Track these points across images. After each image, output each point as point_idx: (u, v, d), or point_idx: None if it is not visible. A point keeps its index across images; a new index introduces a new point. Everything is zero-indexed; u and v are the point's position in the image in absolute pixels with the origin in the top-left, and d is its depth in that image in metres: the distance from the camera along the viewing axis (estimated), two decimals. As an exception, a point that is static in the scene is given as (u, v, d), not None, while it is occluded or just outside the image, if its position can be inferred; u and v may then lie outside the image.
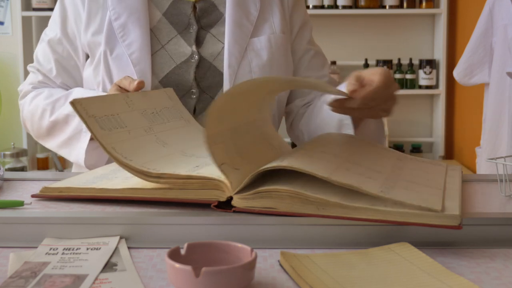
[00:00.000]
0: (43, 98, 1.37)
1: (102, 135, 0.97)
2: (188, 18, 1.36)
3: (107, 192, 0.95)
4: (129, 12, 1.33)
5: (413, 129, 3.92)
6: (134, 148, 1.00)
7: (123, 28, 1.32)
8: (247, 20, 1.37)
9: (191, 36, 1.35)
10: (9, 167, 3.46)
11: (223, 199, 0.89)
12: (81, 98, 1.00)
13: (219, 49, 1.35)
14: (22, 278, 0.72)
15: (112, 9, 1.33)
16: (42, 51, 1.42)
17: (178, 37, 1.35)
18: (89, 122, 0.97)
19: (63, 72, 1.41)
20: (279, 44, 1.39)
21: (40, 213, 0.90)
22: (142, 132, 1.06)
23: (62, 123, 1.33)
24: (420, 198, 0.84)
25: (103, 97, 1.12)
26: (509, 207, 0.96)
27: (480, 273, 0.75)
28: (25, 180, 1.14)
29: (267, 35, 1.38)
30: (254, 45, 1.36)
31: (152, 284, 0.72)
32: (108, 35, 1.33)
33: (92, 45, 1.35)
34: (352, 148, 1.09)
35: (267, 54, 1.37)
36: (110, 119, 1.02)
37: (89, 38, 1.34)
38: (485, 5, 2.30)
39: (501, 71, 2.18)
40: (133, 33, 1.32)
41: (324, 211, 0.84)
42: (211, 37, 1.36)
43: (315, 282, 0.69)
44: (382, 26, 3.86)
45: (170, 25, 1.35)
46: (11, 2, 3.82)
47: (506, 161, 1.03)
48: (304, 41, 1.47)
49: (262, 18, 1.39)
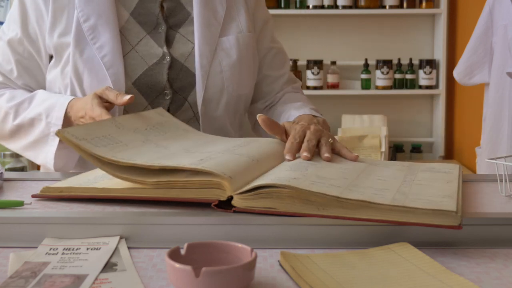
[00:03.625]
0: (5, 101, 1.34)
1: (99, 151, 0.95)
2: (156, 18, 1.35)
3: (107, 192, 0.95)
4: (98, 14, 1.29)
5: (413, 129, 3.92)
6: (135, 153, 0.99)
7: (93, 30, 1.29)
8: (215, 20, 1.37)
9: (161, 36, 1.34)
10: (9, 167, 3.46)
11: (224, 198, 0.89)
12: (67, 128, 0.98)
13: (190, 49, 1.35)
14: (22, 278, 0.72)
15: (80, 11, 1.29)
16: (1, 51, 1.38)
17: (147, 38, 1.34)
18: (81, 144, 0.95)
19: (25, 74, 1.37)
20: (247, 43, 1.40)
21: (40, 213, 0.90)
22: (140, 143, 1.05)
23: (27, 126, 1.31)
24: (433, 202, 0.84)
25: (89, 124, 1.10)
26: (509, 207, 0.96)
27: (480, 273, 0.75)
28: (25, 180, 1.14)
29: (235, 34, 1.39)
30: (223, 45, 1.37)
31: (152, 284, 0.72)
32: (77, 36, 1.29)
33: (58, 47, 1.31)
34: (358, 166, 1.08)
35: (236, 53, 1.37)
36: (102, 139, 1.00)
37: (55, 40, 1.31)
38: (485, 5, 2.30)
39: (501, 71, 2.18)
40: (103, 35, 1.29)
41: (325, 211, 0.84)
42: (181, 37, 1.35)
43: (315, 282, 0.69)
44: (382, 26, 3.86)
45: (138, 25, 1.34)
46: (11, 2, 3.82)
47: (506, 161, 1.03)
48: (266, 40, 1.48)
49: (229, 17, 1.39)
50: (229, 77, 1.35)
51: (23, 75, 1.37)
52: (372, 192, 0.88)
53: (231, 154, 1.00)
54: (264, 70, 1.48)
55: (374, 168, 1.07)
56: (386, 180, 0.97)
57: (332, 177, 0.94)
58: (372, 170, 1.04)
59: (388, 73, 3.74)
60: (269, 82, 1.49)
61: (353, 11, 3.72)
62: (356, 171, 1.02)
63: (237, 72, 1.37)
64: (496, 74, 2.23)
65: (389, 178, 0.99)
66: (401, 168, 1.08)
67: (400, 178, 0.99)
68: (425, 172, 1.06)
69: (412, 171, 1.06)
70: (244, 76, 1.40)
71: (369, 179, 0.97)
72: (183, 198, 0.91)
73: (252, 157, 1.00)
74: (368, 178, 0.98)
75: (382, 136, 3.48)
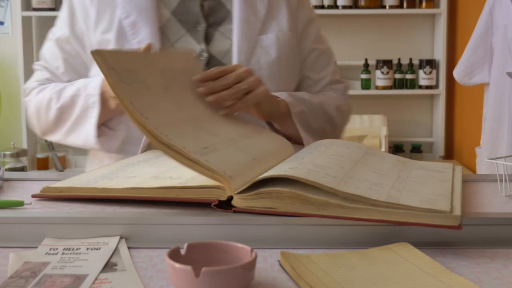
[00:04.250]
0: (49, 90, 1.38)
1: (121, 88, 0.95)
2: (196, 16, 1.37)
3: (107, 192, 0.95)
4: (139, 11, 1.34)
5: (413, 129, 3.92)
6: (150, 106, 0.98)
7: (133, 26, 1.33)
8: (255, 17, 1.38)
9: (200, 34, 1.36)
10: (9, 167, 3.46)
11: (224, 198, 0.89)
12: (102, 50, 0.98)
13: (228, 46, 1.36)
14: (22, 278, 0.72)
15: (121, 7, 1.34)
16: (50, 50, 1.43)
17: (187, 36, 1.36)
18: (109, 74, 0.95)
19: (71, 71, 1.41)
20: (287, 42, 1.40)
21: (40, 213, 0.90)
22: (160, 89, 1.05)
23: (69, 106, 1.33)
24: (427, 200, 0.84)
25: (123, 51, 1.12)
26: (509, 207, 0.96)
27: (480, 273, 0.75)
28: (25, 180, 1.14)
29: (275, 32, 1.39)
30: (262, 42, 1.37)
31: (152, 284, 0.72)
32: (118, 33, 1.34)
33: (101, 43, 1.35)
34: (355, 155, 1.08)
35: (275, 51, 1.37)
36: (130, 74, 1.00)
37: (99, 37, 1.35)
38: (485, 5, 2.30)
39: (501, 71, 2.18)
40: (143, 31, 1.33)
41: (325, 211, 0.84)
42: (220, 34, 1.37)
43: (315, 282, 0.69)
44: (382, 26, 3.86)
45: (178, 24, 1.36)
46: (11, 2, 3.82)
47: (506, 161, 1.03)
48: (309, 40, 1.47)
49: (270, 15, 1.40)
50: (267, 75, 1.35)
51: (69, 72, 1.41)
52: (367, 186, 0.88)
53: (234, 149, 1.00)
54: (305, 71, 1.47)
55: (370, 158, 1.07)
56: (381, 174, 0.98)
57: (328, 166, 0.94)
58: (368, 160, 1.05)
59: (388, 73, 3.74)
60: (309, 84, 1.48)
61: (353, 11, 3.72)
62: (352, 159, 1.02)
63: (276, 70, 1.37)
64: (496, 74, 2.23)
65: (384, 172, 0.99)
66: (396, 163, 1.08)
67: (394, 173, 1.00)
68: (419, 169, 1.06)
69: (407, 167, 1.07)
70: (283, 75, 1.40)
71: (365, 171, 0.97)
72: (183, 198, 0.91)
73: (254, 155, 1.00)
74: (364, 169, 0.98)
75: (382, 136, 3.48)
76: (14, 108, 3.79)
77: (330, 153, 1.04)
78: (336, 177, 0.89)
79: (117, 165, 1.13)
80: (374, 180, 0.93)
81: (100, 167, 1.14)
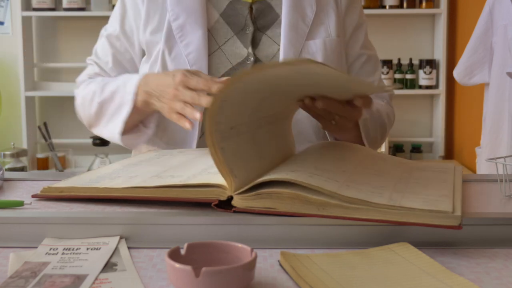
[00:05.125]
0: (95, 84, 1.39)
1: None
2: (245, 19, 1.36)
3: (107, 192, 0.95)
4: (188, 13, 1.33)
5: (413, 129, 3.92)
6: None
7: (181, 29, 1.33)
8: (303, 23, 1.36)
9: (247, 37, 1.35)
10: (9, 167, 3.46)
11: (224, 198, 0.89)
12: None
13: (275, 51, 1.35)
14: (22, 278, 0.72)
15: (170, 10, 1.34)
16: (101, 46, 1.45)
17: (234, 38, 1.35)
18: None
19: (119, 66, 1.43)
20: (334, 48, 1.38)
21: (40, 213, 0.90)
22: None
23: (108, 101, 1.34)
24: (430, 202, 0.84)
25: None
26: (509, 207, 0.96)
27: (480, 273, 0.75)
28: (25, 180, 1.14)
29: (322, 38, 1.37)
30: (309, 48, 1.35)
31: (152, 284, 0.72)
32: (167, 35, 1.34)
33: (150, 44, 1.36)
34: (356, 157, 1.08)
35: (322, 57, 1.35)
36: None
37: (148, 37, 1.36)
38: (485, 5, 2.30)
39: (501, 71, 2.18)
40: (191, 34, 1.33)
41: (325, 211, 0.84)
42: (267, 38, 1.36)
43: (315, 282, 0.69)
44: (382, 26, 3.86)
45: (227, 26, 1.36)
46: (11, 2, 3.82)
47: (506, 161, 1.03)
48: (357, 45, 1.45)
49: (317, 20, 1.38)
50: None
51: (117, 67, 1.43)
52: (369, 189, 0.88)
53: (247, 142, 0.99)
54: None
55: (372, 160, 1.07)
56: (383, 176, 0.98)
57: (330, 169, 0.94)
58: (369, 163, 1.04)
59: (388, 73, 3.74)
60: None
61: (353, 11, 3.72)
62: (353, 162, 1.02)
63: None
64: (496, 74, 2.23)
65: (386, 174, 0.99)
66: (397, 164, 1.08)
67: (396, 175, 0.99)
68: (420, 170, 1.06)
69: (408, 168, 1.06)
70: None
71: (366, 174, 0.97)
72: (183, 198, 0.91)
73: (260, 153, 0.99)
74: (365, 172, 0.98)
75: (382, 136, 3.47)
76: (14, 108, 3.79)
77: (332, 156, 1.04)
78: (337, 181, 0.89)
79: (118, 165, 1.13)
80: (376, 183, 0.93)
81: (100, 167, 1.13)
